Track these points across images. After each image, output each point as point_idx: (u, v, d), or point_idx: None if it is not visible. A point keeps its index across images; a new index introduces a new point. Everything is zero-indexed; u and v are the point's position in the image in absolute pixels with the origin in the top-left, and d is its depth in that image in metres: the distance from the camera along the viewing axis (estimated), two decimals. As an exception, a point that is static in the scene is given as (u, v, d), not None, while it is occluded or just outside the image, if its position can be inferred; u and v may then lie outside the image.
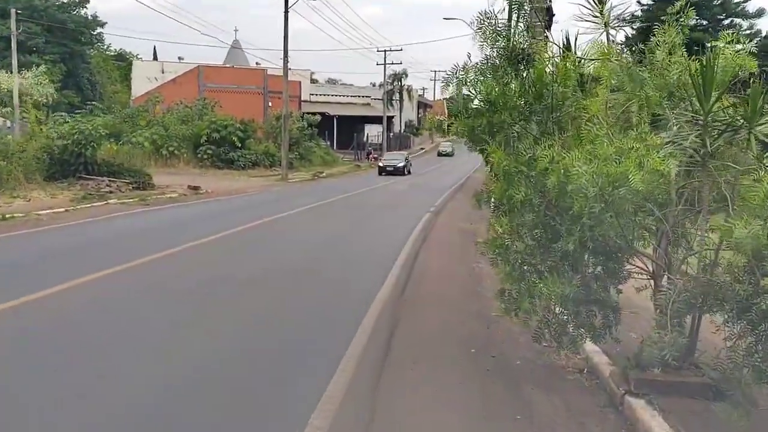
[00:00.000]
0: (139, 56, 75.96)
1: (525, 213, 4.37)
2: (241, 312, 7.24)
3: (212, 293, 8.04)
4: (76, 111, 49.41)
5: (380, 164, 44.02)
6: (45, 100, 41.02)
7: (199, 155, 39.12)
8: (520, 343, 5.92)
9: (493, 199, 5.19)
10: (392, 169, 42.17)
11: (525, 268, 4.50)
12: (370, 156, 58.75)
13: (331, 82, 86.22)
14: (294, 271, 9.62)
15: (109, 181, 21.92)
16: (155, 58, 72.27)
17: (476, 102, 4.99)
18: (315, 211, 19.14)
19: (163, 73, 56.50)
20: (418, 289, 8.82)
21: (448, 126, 5.58)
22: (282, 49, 34.93)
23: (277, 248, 12.25)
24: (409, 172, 43.07)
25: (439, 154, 69.41)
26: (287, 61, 35.10)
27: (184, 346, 5.87)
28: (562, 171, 3.91)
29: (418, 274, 9.82)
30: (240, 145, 39.90)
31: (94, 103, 50.15)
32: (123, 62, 73.41)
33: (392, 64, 62.47)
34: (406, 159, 44.83)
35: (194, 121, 42.28)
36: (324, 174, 40.80)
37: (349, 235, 14.30)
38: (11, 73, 40.58)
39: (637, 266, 4.49)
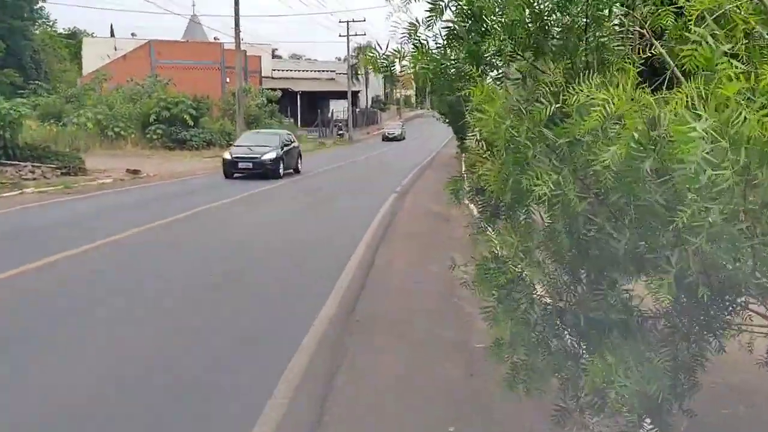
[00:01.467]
0: (93, 34, 72.03)
1: (555, 221, 2.23)
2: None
3: (50, 338, 5.34)
4: (19, 91, 46.26)
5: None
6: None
7: (148, 136, 36.29)
8: (523, 410, 3.80)
9: (483, 194, 3.05)
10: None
11: (547, 328, 2.35)
12: (339, 132, 56.48)
13: (295, 57, 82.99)
14: (205, 288, 7.19)
15: (33, 166, 19.27)
16: (112, 35, 68.26)
17: (447, 17, 2.75)
18: (260, 196, 16.78)
19: (115, 50, 53.10)
20: (373, 303, 6.64)
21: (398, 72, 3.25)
22: (233, 15, 32.15)
23: (193, 252, 9.50)
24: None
25: (385, 138, 54.24)
26: (239, 31, 32.34)
27: None
28: (640, 134, 1.78)
29: (375, 279, 7.66)
30: (193, 123, 37.11)
31: (37, 82, 46.82)
32: (74, 40, 69.48)
33: (356, 35, 59.72)
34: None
35: (143, 99, 39.33)
36: (285, 153, 38.26)
37: (292, 229, 11.88)
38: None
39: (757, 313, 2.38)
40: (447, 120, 33.29)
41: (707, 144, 1.59)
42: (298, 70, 69.34)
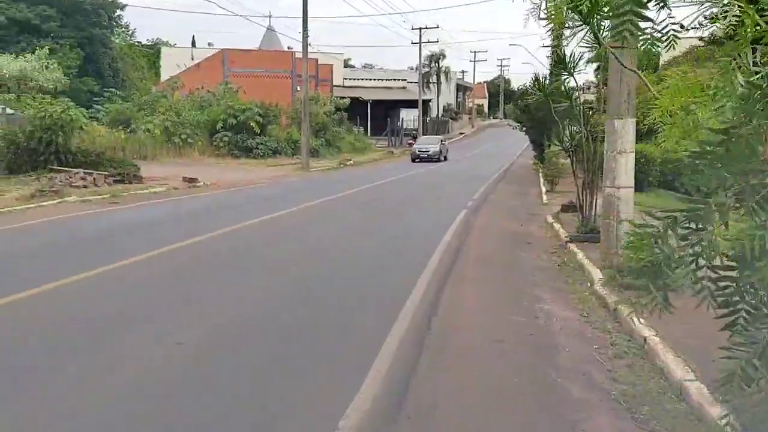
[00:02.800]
0: (175, 44, 73.25)
1: None
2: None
3: None
4: (95, 98, 46.96)
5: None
6: (53, 86, 37.81)
7: (215, 143, 35.65)
8: None
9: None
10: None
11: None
12: (408, 142, 54.64)
13: (368, 67, 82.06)
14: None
15: (84, 173, 18.36)
16: (193, 46, 69.15)
17: None
18: (313, 211, 15.09)
19: (192, 59, 53.54)
20: (432, 379, 4.66)
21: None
22: (301, 17, 30.95)
23: (198, 297, 6.84)
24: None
25: (415, 158, 38.07)
26: (306, 35, 31.12)
27: None
28: None
29: (439, 333, 5.71)
30: (260, 131, 36.27)
31: (112, 89, 47.39)
32: (153, 50, 70.91)
33: (428, 42, 57.92)
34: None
35: (213, 107, 38.87)
36: (351, 162, 36.85)
37: (342, 252, 10.06)
38: (16, 56, 37.63)
39: None
40: (524, 128, 31.06)
41: None
42: (370, 79, 68.27)
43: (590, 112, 10.85)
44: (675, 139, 2.40)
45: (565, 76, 10.28)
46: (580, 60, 10.10)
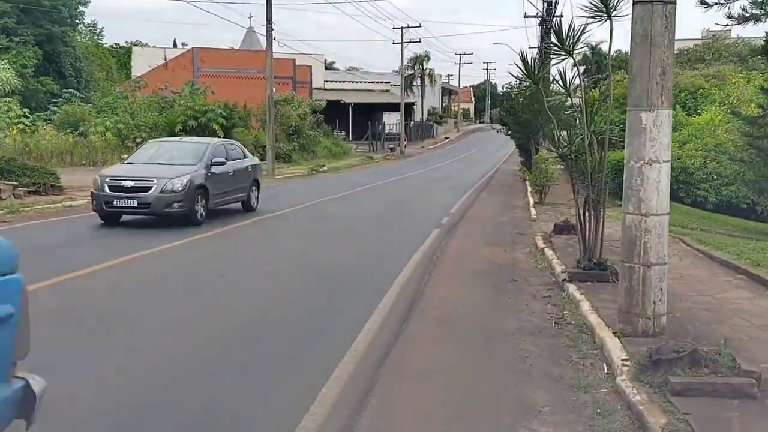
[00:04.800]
0: (146, 44, 70.03)
1: None
2: None
3: None
4: (53, 99, 43.78)
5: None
6: (3, 88, 34.69)
7: (172, 147, 32.54)
8: None
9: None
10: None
11: None
12: (390, 147, 51.80)
13: (352, 70, 79.17)
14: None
15: (-11, 183, 15.37)
16: (175, 47, 65.91)
17: None
18: (236, 237, 12.01)
19: (165, 59, 50.57)
20: None
21: None
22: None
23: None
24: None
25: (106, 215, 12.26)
26: (271, 29, 28.30)
27: None
28: None
29: None
30: (223, 134, 33.21)
31: (71, 90, 44.25)
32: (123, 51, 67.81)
33: (410, 42, 55.16)
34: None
35: (175, 108, 35.87)
36: (325, 168, 33.96)
37: (215, 320, 6.80)
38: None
39: None
40: (509, 132, 28.43)
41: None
42: (352, 81, 65.55)
43: (594, 107, 8.07)
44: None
45: (563, 57, 7.51)
46: (581, 34, 7.34)
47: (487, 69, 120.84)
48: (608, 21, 6.75)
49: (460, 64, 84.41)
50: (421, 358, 5.33)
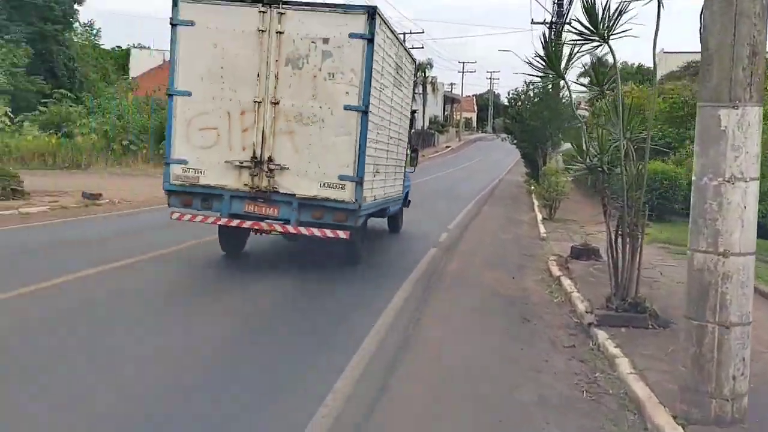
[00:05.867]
0: (148, 47, 68.69)
1: None
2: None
3: None
4: (43, 100, 42.36)
5: None
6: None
7: (163, 151, 31.05)
8: None
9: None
10: None
11: None
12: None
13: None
14: None
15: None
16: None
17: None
18: (202, 251, 10.48)
19: (164, 62, 49.32)
20: None
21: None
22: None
23: None
24: None
25: None
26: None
27: None
28: None
29: None
30: (215, 139, 31.75)
31: (62, 90, 42.81)
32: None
33: (412, 48, 53.74)
34: None
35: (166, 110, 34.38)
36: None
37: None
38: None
39: None
40: (515, 140, 26.99)
41: None
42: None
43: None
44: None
45: (597, 43, 5.94)
46: (620, 14, 5.79)
47: (490, 78, 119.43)
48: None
49: (463, 72, 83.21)
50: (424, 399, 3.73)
